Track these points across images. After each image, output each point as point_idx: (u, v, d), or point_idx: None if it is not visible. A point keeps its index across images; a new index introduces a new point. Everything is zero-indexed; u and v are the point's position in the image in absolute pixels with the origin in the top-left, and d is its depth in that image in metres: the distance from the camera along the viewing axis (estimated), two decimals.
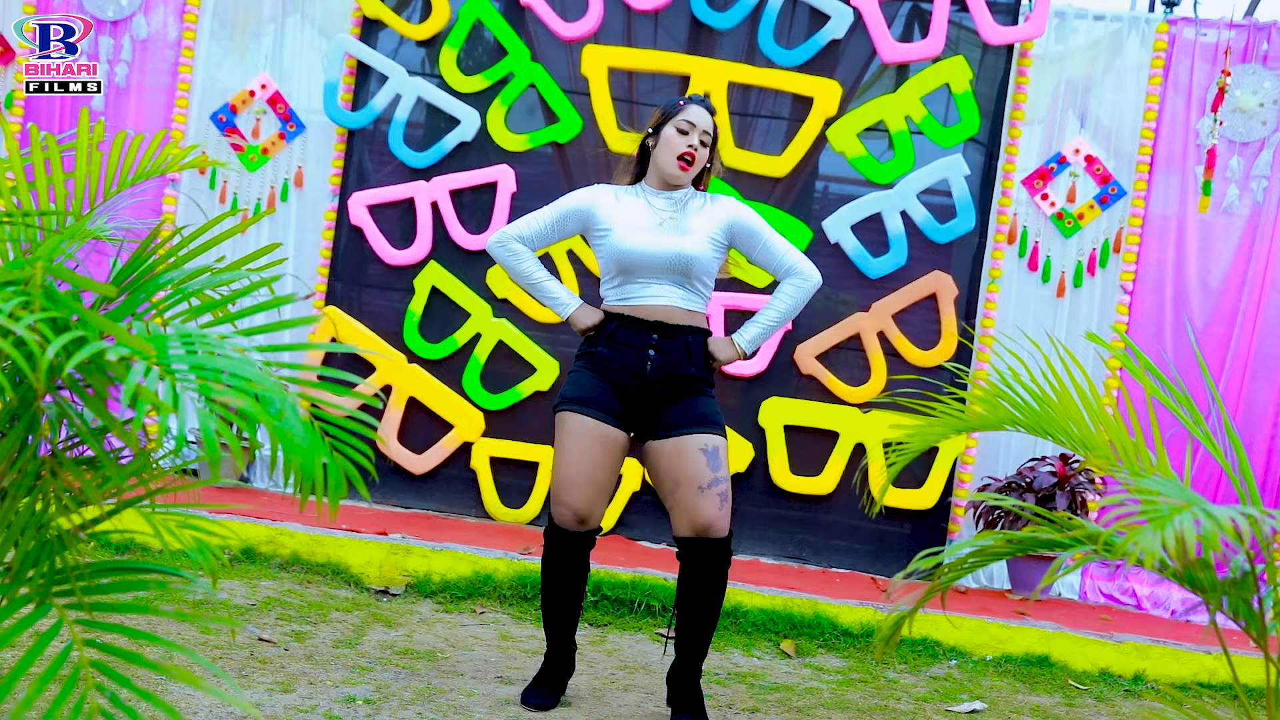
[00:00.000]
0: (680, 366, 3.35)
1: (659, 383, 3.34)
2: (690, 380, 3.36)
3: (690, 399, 3.35)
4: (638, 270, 3.35)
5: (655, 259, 3.34)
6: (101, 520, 2.03)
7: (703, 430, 3.30)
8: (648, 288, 3.36)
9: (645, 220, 3.38)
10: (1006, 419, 2.03)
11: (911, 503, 5.62)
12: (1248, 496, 1.78)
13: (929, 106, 5.68)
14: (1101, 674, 4.51)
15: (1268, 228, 5.63)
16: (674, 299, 3.37)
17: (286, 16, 5.95)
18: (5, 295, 1.66)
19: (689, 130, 3.38)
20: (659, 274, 3.35)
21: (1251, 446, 5.64)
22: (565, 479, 3.31)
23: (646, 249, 3.33)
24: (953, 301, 5.64)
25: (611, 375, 3.35)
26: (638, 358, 3.34)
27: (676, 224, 3.38)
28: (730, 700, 3.71)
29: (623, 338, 3.35)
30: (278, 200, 5.92)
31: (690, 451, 3.27)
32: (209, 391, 1.66)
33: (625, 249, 3.34)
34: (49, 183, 2.09)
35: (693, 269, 3.36)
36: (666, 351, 3.34)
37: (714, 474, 3.26)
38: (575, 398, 3.35)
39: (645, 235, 3.35)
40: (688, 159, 3.38)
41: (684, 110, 3.40)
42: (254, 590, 4.26)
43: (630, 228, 3.36)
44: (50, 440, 1.93)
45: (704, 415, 3.33)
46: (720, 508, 3.25)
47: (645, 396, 3.35)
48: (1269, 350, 5.64)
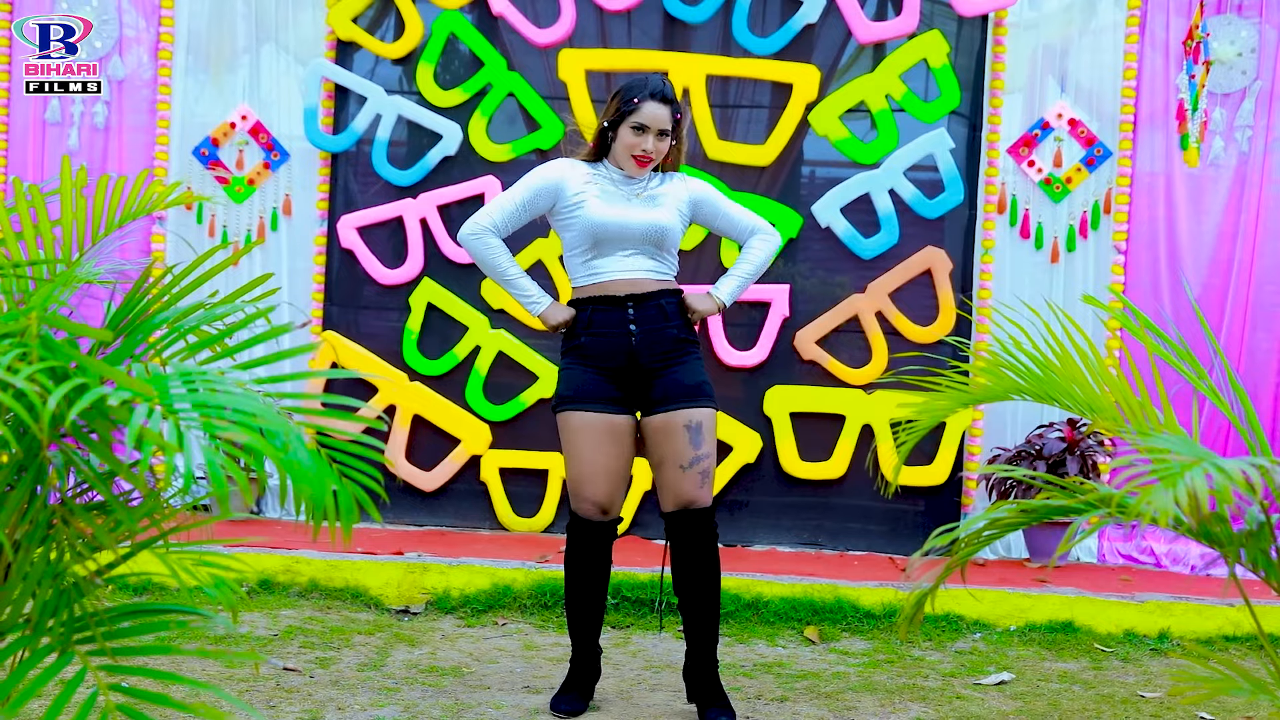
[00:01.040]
0: (662, 330, 3.38)
1: (646, 352, 3.37)
2: (675, 344, 3.40)
3: (677, 368, 3.38)
4: (612, 242, 3.36)
5: (631, 230, 3.35)
6: (117, 564, 2.03)
7: (689, 404, 3.34)
8: (619, 260, 3.37)
9: (616, 194, 3.40)
10: (1011, 388, 2.03)
11: (923, 479, 5.61)
12: (1257, 447, 1.78)
13: (908, 83, 5.67)
14: (1126, 635, 4.50)
15: (1256, 176, 5.62)
16: (644, 270, 3.39)
17: (260, 46, 5.94)
18: (2, 348, 1.66)
19: (644, 130, 3.35)
20: (633, 245, 3.37)
21: (1257, 396, 5.64)
22: (582, 476, 3.35)
23: (623, 220, 3.35)
24: (948, 275, 5.64)
25: (601, 362, 3.37)
26: (621, 334, 3.36)
27: (646, 197, 3.41)
28: (759, 691, 3.71)
29: (601, 321, 3.37)
30: (268, 230, 5.91)
31: (674, 431, 3.32)
32: (213, 428, 1.66)
33: (602, 221, 3.34)
34: (36, 232, 2.09)
35: (665, 240, 3.40)
36: (645, 320, 3.37)
37: (695, 452, 3.31)
38: (572, 395, 3.37)
39: (619, 208, 3.37)
40: (645, 160, 3.38)
41: (638, 111, 3.35)
42: (275, 620, 4.26)
43: (604, 201, 3.37)
44: (59, 489, 1.93)
45: (690, 387, 3.36)
46: (701, 485, 3.33)
47: (635, 370, 3.38)
48: (1268, 299, 5.64)
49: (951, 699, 3.71)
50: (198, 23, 5.93)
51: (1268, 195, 5.62)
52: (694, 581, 3.35)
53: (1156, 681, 4.00)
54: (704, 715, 3.35)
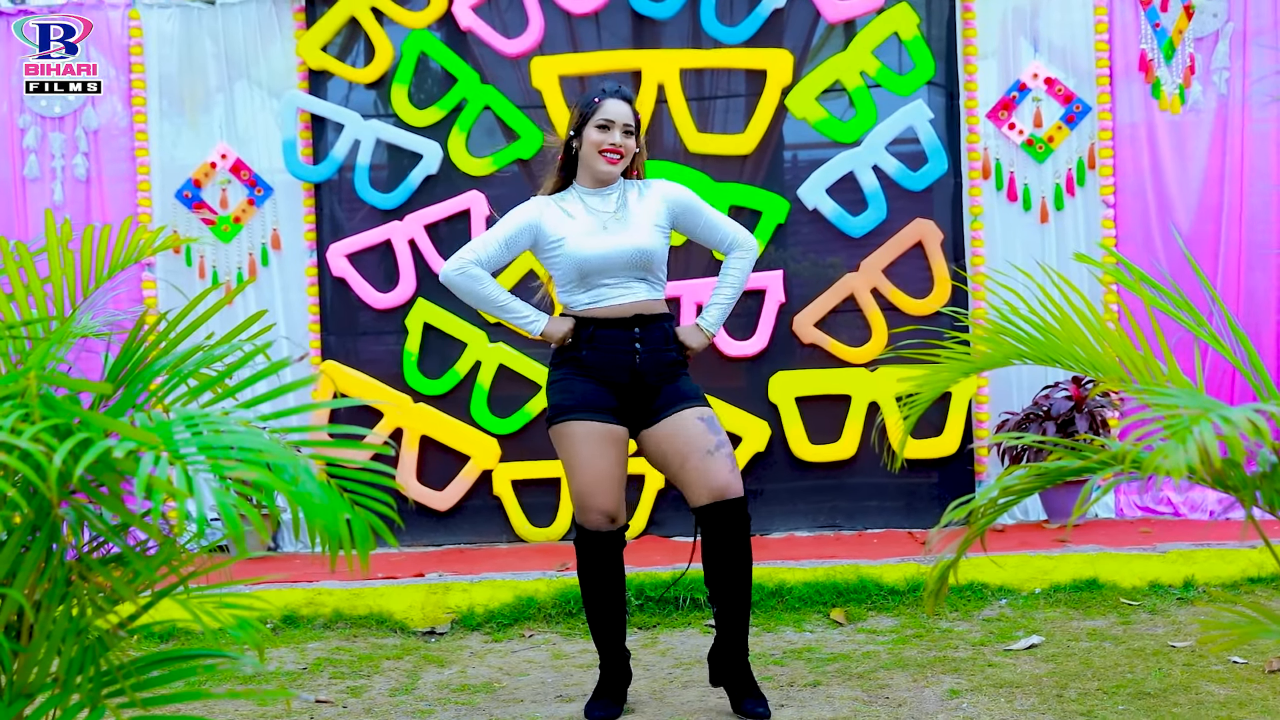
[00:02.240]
0: (664, 354, 3.42)
1: (650, 373, 3.39)
2: (673, 365, 3.44)
3: (673, 383, 3.42)
4: (599, 273, 3.37)
5: (614, 259, 3.36)
6: (139, 615, 2.03)
7: (692, 405, 3.38)
8: (615, 288, 3.38)
9: (590, 224, 3.39)
10: (1012, 354, 2.03)
11: (934, 451, 5.61)
12: (1263, 389, 1.78)
13: (881, 58, 5.67)
14: (1151, 587, 4.50)
15: (1236, 117, 5.62)
16: (642, 293, 3.41)
17: (233, 83, 5.94)
18: (4, 410, 1.66)
19: (609, 126, 3.36)
20: (621, 272, 3.38)
21: (1259, 337, 5.63)
22: (589, 485, 3.33)
23: (603, 252, 3.35)
24: (939, 246, 5.64)
25: (600, 375, 3.38)
26: (626, 353, 3.37)
27: (621, 220, 3.40)
28: (790, 678, 3.71)
29: (604, 337, 3.37)
30: (259, 265, 5.91)
31: (689, 422, 3.34)
32: (221, 469, 1.66)
33: (583, 256, 3.35)
34: (27, 291, 2.09)
35: (651, 261, 3.40)
36: (650, 342, 3.39)
37: (717, 437, 3.33)
38: (571, 405, 3.37)
39: (596, 239, 3.36)
40: (614, 155, 3.38)
41: (601, 108, 3.37)
42: (302, 654, 4.26)
43: (580, 234, 3.37)
44: (74, 545, 1.93)
45: (688, 393, 3.41)
46: (732, 470, 3.32)
47: (638, 388, 3.39)
48: (1260, 238, 5.63)
49: (984, 667, 3.71)
50: (168, 66, 5.93)
51: (1250, 136, 5.61)
52: (729, 572, 3.33)
53: (1186, 630, 4.00)
54: (740, 707, 3.35)
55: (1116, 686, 3.44)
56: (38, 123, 5.88)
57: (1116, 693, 3.39)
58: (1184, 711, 3.20)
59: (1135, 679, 3.50)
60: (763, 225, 5.64)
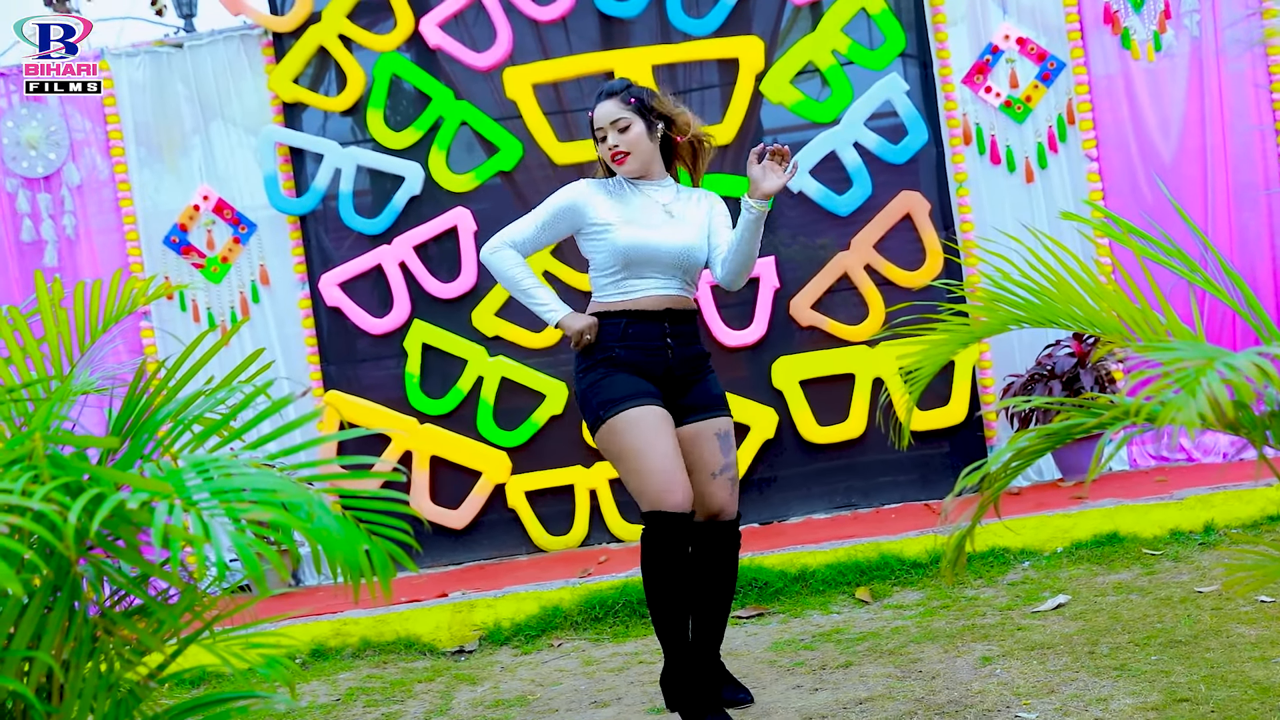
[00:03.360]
0: (691, 348, 3.41)
1: (680, 367, 3.37)
2: (702, 358, 3.44)
3: (703, 380, 3.42)
4: (645, 264, 3.32)
5: (664, 253, 3.32)
6: (168, 664, 2.04)
7: (716, 414, 3.39)
8: (652, 280, 3.34)
9: (647, 214, 3.35)
10: (1009, 319, 2.02)
11: (943, 421, 5.61)
12: (1262, 329, 1.78)
13: (852, 35, 5.67)
14: (1172, 535, 4.50)
15: (1211, 59, 5.61)
16: (675, 289, 3.38)
17: (208, 124, 5.94)
18: (13, 475, 1.66)
19: (603, 133, 3.37)
20: (666, 268, 3.34)
21: (1255, 276, 5.62)
22: (664, 466, 3.16)
23: (654, 244, 3.31)
24: (928, 216, 5.64)
25: (642, 370, 3.32)
26: (659, 350, 3.33)
27: (675, 215, 3.39)
28: (822, 661, 3.71)
29: (636, 333, 3.31)
30: (250, 303, 5.91)
31: (705, 438, 3.35)
32: (235, 512, 1.66)
33: (634, 244, 3.29)
34: (24, 354, 2.10)
35: (695, 263, 3.40)
36: (681, 337, 3.37)
37: (725, 459, 3.36)
38: (621, 396, 3.25)
39: (648, 230, 3.32)
40: (619, 156, 3.36)
41: (593, 119, 3.40)
42: (334, 686, 4.26)
43: (634, 222, 3.32)
44: (96, 601, 1.93)
45: (716, 397, 3.42)
46: (731, 492, 3.36)
47: (669, 382, 3.37)
48: (1247, 178, 5.63)
49: (1013, 631, 3.71)
50: (142, 115, 5.93)
51: (1227, 75, 5.61)
52: (714, 589, 3.36)
53: (1210, 575, 4.01)
54: (720, 695, 3.37)
55: (1147, 637, 3.44)
56: (24, 185, 5.89)
57: (1148, 643, 3.39)
58: (1217, 655, 3.20)
59: (1165, 628, 3.50)
60: None
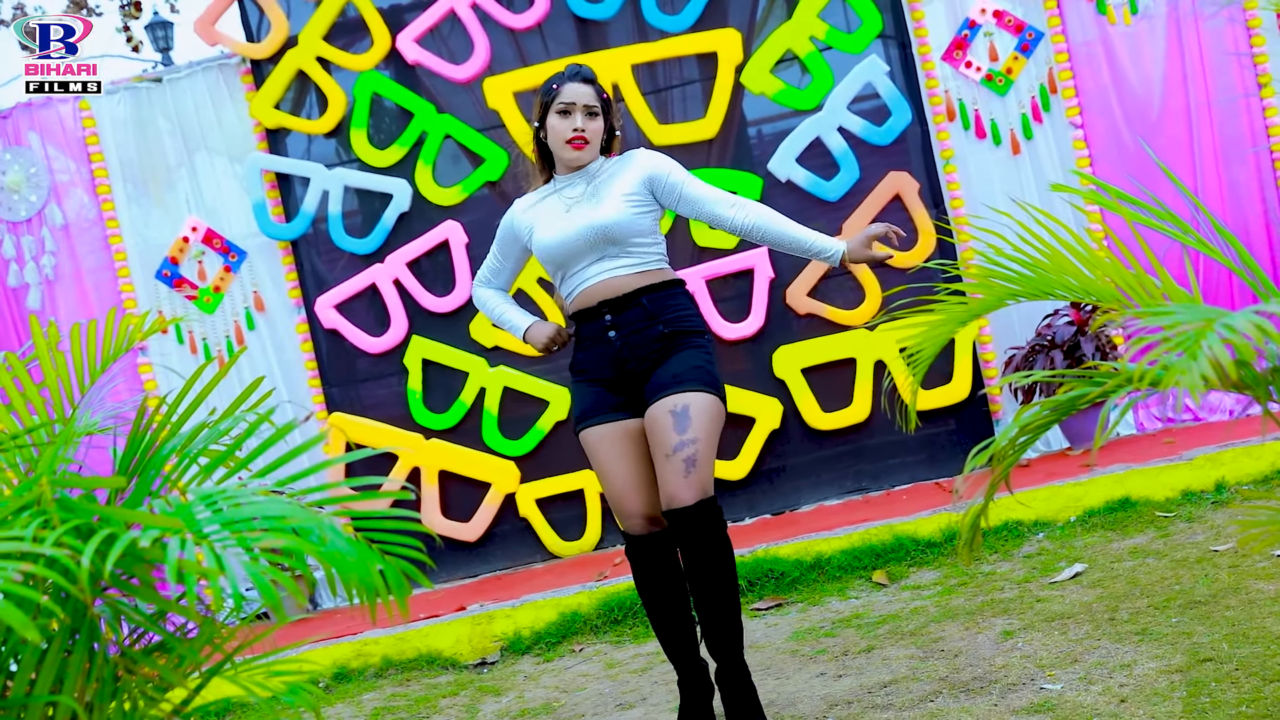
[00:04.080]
0: (645, 332, 3.14)
1: (632, 357, 3.14)
2: (663, 341, 3.15)
3: (663, 363, 3.14)
4: (569, 260, 3.19)
5: (574, 242, 3.16)
6: (192, 698, 2.04)
7: (672, 391, 3.06)
8: (584, 272, 3.19)
9: (558, 211, 3.23)
10: (1005, 294, 2.02)
11: (948, 399, 5.61)
12: (1259, 285, 1.77)
13: (828, 20, 5.67)
14: (1184, 495, 4.50)
15: (1189, 18, 5.61)
16: (612, 270, 3.16)
17: (193, 156, 5.95)
18: (23, 521, 1.66)
19: (570, 110, 3.18)
20: (586, 254, 3.17)
21: (1248, 233, 5.62)
22: (620, 490, 3.12)
23: (562, 236, 3.17)
24: (917, 195, 5.63)
25: (595, 374, 3.19)
26: (603, 343, 3.17)
27: (590, 200, 3.20)
28: (844, 648, 3.71)
29: (586, 333, 3.22)
30: (245, 332, 5.91)
31: (657, 420, 3.04)
32: (247, 542, 1.66)
33: (546, 245, 3.20)
34: (25, 400, 2.10)
35: (615, 234, 3.13)
36: (625, 324, 3.15)
37: (677, 438, 3.00)
38: (581, 413, 3.22)
39: (558, 224, 3.19)
40: (579, 141, 3.19)
41: (560, 92, 3.19)
42: (359, 707, 4.26)
43: (545, 224, 3.23)
44: (115, 640, 1.93)
45: (678, 375, 3.09)
46: (685, 474, 2.98)
47: (625, 378, 3.17)
48: (1233, 133, 5.62)
49: (1032, 604, 3.71)
50: (126, 151, 5.93)
51: (1205, 32, 5.61)
52: (699, 585, 3.04)
53: (1225, 533, 4.00)
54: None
55: (1166, 600, 3.44)
56: (9, 230, 5.89)
57: (1167, 606, 3.39)
58: (1237, 613, 3.19)
59: (1183, 589, 3.50)
60: None
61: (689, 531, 3.00)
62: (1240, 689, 2.70)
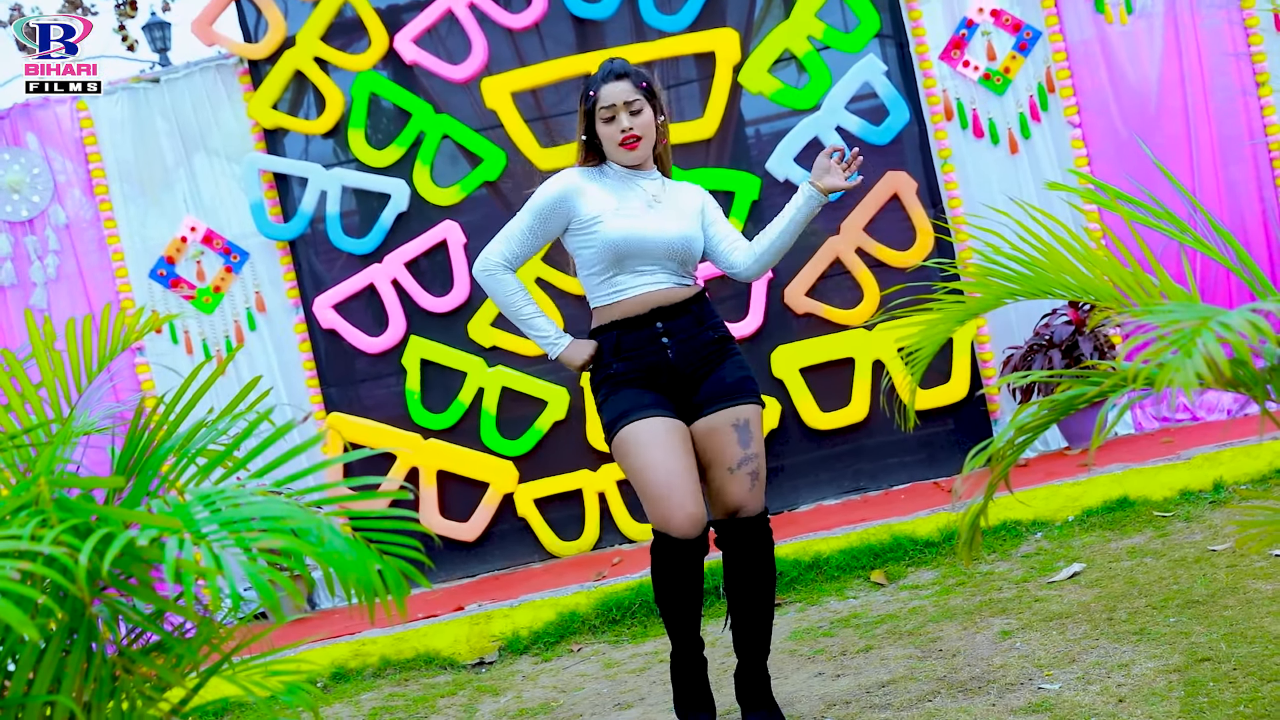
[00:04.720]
0: (699, 337, 3.13)
1: (686, 365, 3.11)
2: (713, 345, 3.15)
3: (718, 369, 3.13)
4: (635, 257, 3.09)
5: (655, 244, 3.08)
6: (190, 698, 2.04)
7: (733, 403, 3.09)
8: (642, 276, 3.10)
9: (636, 204, 3.11)
10: (1003, 293, 2.02)
11: (946, 398, 5.62)
12: (1257, 285, 1.78)
13: (826, 19, 5.67)
14: (1182, 495, 4.50)
15: (1186, 16, 5.62)
16: (668, 282, 3.13)
17: (191, 156, 5.94)
18: (21, 521, 1.66)
19: (613, 114, 3.10)
20: (657, 260, 3.10)
21: (1246, 231, 5.62)
22: (666, 486, 2.95)
23: (646, 234, 3.07)
24: (915, 195, 5.64)
25: (640, 381, 3.10)
26: (656, 354, 3.10)
27: (667, 205, 3.14)
28: (842, 647, 3.71)
29: (630, 343, 3.10)
30: (246, 331, 5.91)
31: (720, 431, 3.06)
32: (245, 542, 1.66)
33: (623, 236, 3.06)
34: (23, 400, 2.10)
35: (690, 254, 3.15)
36: (678, 331, 3.11)
37: (743, 452, 3.05)
38: (625, 410, 3.05)
39: (640, 220, 3.08)
40: (631, 140, 3.11)
41: (598, 98, 3.11)
42: (358, 707, 4.26)
43: (621, 213, 3.09)
44: (113, 640, 1.93)
45: (733, 386, 3.11)
46: (750, 488, 3.05)
47: (678, 382, 3.11)
48: (1231, 131, 5.63)
49: (1030, 604, 3.71)
50: (123, 152, 5.93)
51: (1203, 31, 5.61)
52: (748, 588, 3.09)
53: (1223, 533, 4.01)
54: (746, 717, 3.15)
55: (1164, 600, 3.44)
56: (8, 229, 5.88)
57: (1165, 606, 3.39)
58: (1235, 613, 3.20)
59: (1181, 589, 3.50)
60: (737, 205, 5.64)
61: (749, 541, 3.08)
62: (1238, 688, 2.71)
